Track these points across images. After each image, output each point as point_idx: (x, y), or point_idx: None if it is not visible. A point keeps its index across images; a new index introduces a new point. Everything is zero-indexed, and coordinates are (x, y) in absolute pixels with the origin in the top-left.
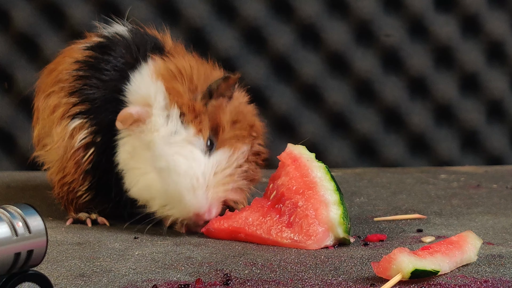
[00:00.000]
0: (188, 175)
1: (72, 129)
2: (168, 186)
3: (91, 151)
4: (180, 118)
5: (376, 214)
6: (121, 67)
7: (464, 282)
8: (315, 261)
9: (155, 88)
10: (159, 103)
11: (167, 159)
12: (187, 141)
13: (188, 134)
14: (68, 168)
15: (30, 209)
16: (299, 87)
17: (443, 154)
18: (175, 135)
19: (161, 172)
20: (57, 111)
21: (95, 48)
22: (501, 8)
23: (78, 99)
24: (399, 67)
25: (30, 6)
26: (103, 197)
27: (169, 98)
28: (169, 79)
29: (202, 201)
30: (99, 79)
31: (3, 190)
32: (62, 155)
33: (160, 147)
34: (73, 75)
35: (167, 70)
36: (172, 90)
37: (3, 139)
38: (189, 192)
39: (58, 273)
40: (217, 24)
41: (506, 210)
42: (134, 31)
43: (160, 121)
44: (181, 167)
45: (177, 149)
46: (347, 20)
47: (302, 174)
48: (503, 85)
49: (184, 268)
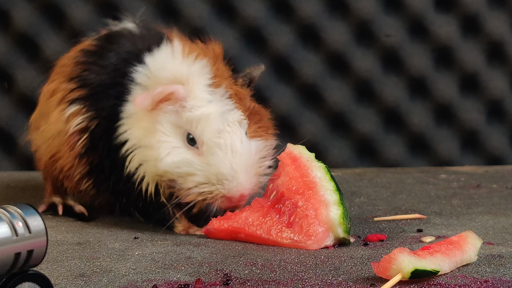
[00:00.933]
0: (244, 156)
1: (69, 115)
2: (221, 163)
3: (85, 135)
4: (229, 99)
5: (376, 214)
6: (123, 55)
7: (464, 282)
8: (315, 261)
9: (196, 65)
10: (203, 81)
11: (225, 136)
12: (239, 122)
13: (239, 116)
14: (62, 152)
15: (30, 209)
16: (299, 87)
17: (443, 154)
18: (230, 113)
19: (215, 149)
20: (55, 96)
21: (101, 38)
22: (501, 8)
23: (77, 84)
24: (399, 67)
25: (30, 6)
26: (101, 185)
27: (215, 79)
28: (208, 59)
29: (250, 182)
30: (99, 65)
31: (3, 190)
32: (55, 137)
33: (215, 123)
34: (75, 61)
35: (201, 49)
36: (216, 70)
37: (3, 139)
38: (242, 171)
39: (58, 273)
40: (217, 24)
41: (506, 210)
42: (142, 26)
43: (208, 98)
44: (238, 146)
45: (233, 128)
46: (347, 20)
47: (302, 174)
48: (503, 85)
49: (184, 268)
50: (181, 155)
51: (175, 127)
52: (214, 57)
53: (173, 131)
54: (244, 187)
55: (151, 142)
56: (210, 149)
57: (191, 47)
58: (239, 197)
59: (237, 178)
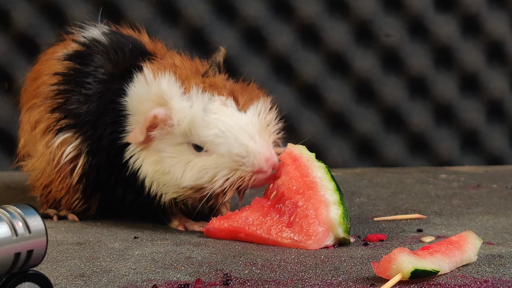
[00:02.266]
0: (241, 129)
1: (58, 144)
2: (230, 145)
3: (80, 163)
4: (203, 93)
5: (376, 214)
6: (102, 78)
7: (464, 282)
8: (315, 261)
9: (164, 84)
10: (176, 93)
11: (216, 124)
12: (222, 105)
13: (220, 100)
14: (56, 182)
15: (30, 209)
16: (299, 87)
17: (443, 154)
18: (209, 104)
19: (216, 140)
20: (39, 127)
21: (73, 58)
22: (501, 8)
23: (61, 115)
24: (399, 67)
25: (30, 6)
26: (104, 204)
27: (183, 84)
28: (173, 71)
29: (264, 145)
30: (81, 94)
31: (3, 190)
32: (45, 169)
33: (203, 118)
34: (53, 89)
35: (164, 67)
36: (182, 76)
37: (3, 139)
38: (250, 141)
39: (58, 273)
40: (217, 24)
41: (506, 210)
42: (110, 34)
43: (187, 104)
44: (231, 123)
45: (217, 115)
46: (347, 20)
47: (302, 174)
48: (503, 85)
49: (184, 268)
50: (195, 166)
51: (177, 146)
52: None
53: (177, 149)
54: (263, 152)
55: (164, 170)
56: (213, 144)
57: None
58: (265, 164)
59: (251, 149)
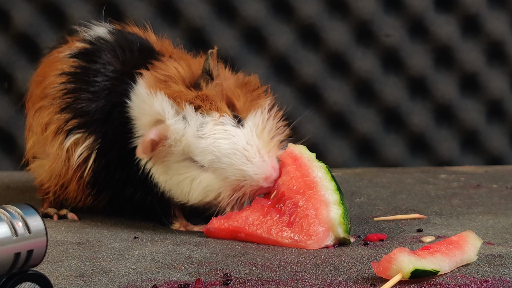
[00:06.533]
0: (237, 150)
1: (69, 145)
2: (227, 171)
3: (90, 163)
4: (197, 112)
5: (376, 214)
6: (111, 76)
7: (464, 282)
8: (315, 261)
9: (157, 105)
10: (170, 113)
11: (210, 150)
12: (216, 125)
13: (213, 119)
14: (70, 184)
15: (30, 209)
16: (299, 87)
17: (443, 154)
18: (202, 126)
19: (213, 165)
20: (49, 128)
21: (79, 56)
22: (501, 8)
23: (71, 115)
24: (399, 67)
25: (30, 6)
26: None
27: (175, 102)
28: (165, 87)
29: (262, 164)
30: (90, 92)
31: (3, 190)
32: (59, 171)
33: (197, 144)
34: (61, 89)
35: (157, 80)
36: (174, 94)
37: (3, 139)
38: (247, 163)
39: (58, 273)
40: (217, 24)
41: (506, 210)
42: (115, 32)
43: (181, 126)
44: (225, 147)
45: (212, 137)
46: (347, 20)
47: (303, 174)
48: (503, 85)
49: (184, 268)
50: (200, 183)
51: (182, 162)
52: (166, 81)
53: (183, 166)
54: (261, 172)
55: (173, 183)
56: (214, 163)
57: (153, 78)
58: (265, 181)
59: (248, 172)
